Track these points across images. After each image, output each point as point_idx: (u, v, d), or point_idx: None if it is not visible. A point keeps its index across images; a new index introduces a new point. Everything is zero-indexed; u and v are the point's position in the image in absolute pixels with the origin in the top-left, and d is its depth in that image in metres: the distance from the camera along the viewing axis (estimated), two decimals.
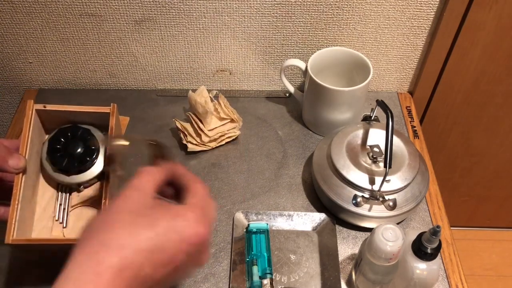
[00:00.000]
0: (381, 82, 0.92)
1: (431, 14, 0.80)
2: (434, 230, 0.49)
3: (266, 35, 0.83)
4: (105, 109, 0.69)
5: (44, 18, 0.81)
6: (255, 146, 0.82)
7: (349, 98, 0.77)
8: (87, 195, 0.69)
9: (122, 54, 0.87)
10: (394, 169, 0.66)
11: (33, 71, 0.90)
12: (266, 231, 0.68)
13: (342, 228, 0.71)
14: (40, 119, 0.69)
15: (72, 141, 0.66)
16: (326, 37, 0.84)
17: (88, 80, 0.92)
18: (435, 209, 0.74)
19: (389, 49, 0.86)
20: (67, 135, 0.63)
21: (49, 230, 0.66)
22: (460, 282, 0.66)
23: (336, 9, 0.79)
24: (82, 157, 0.66)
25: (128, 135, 0.70)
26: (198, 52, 0.86)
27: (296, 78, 0.91)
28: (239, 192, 0.75)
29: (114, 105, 0.70)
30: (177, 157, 0.80)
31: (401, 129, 0.86)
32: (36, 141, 0.67)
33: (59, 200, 0.68)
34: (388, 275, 0.57)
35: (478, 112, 1.00)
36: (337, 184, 0.67)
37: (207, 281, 0.64)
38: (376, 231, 0.53)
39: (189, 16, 0.80)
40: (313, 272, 0.65)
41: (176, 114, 0.87)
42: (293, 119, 0.87)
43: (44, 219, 0.66)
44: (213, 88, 0.92)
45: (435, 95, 0.95)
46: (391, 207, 0.65)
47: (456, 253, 0.69)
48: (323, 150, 0.72)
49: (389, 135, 0.63)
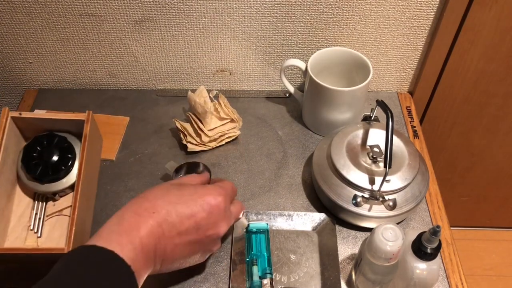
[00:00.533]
0: (381, 82, 0.92)
1: (431, 14, 0.80)
2: (434, 230, 0.49)
3: (266, 35, 0.83)
4: (81, 116, 0.69)
5: (44, 18, 0.81)
6: (255, 146, 0.82)
7: (349, 98, 0.77)
8: (63, 204, 0.68)
9: (122, 54, 0.87)
10: (394, 169, 0.66)
11: (33, 71, 0.90)
12: (266, 231, 0.68)
13: (342, 228, 0.71)
14: (17, 127, 0.68)
15: (48, 149, 0.64)
16: (326, 37, 0.84)
17: (88, 80, 0.92)
18: (435, 209, 0.74)
19: (389, 49, 0.86)
20: (43, 143, 0.61)
21: (23, 240, 0.65)
22: (460, 282, 0.66)
23: (336, 9, 0.79)
24: (57, 165, 0.65)
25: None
26: (198, 52, 0.86)
27: (296, 78, 0.91)
28: (239, 192, 0.75)
29: (89, 112, 0.69)
30: (177, 157, 0.80)
31: (401, 129, 0.86)
32: (13, 149, 0.66)
33: (35, 209, 0.67)
34: (388, 275, 0.57)
35: (478, 112, 1.00)
36: (337, 184, 0.67)
37: (207, 281, 0.64)
38: (376, 231, 0.53)
39: (189, 16, 0.80)
40: (313, 272, 0.65)
41: (176, 114, 0.87)
42: (293, 119, 0.87)
43: (19, 228, 0.65)
44: (213, 88, 0.92)
45: (435, 95, 0.95)
46: (391, 207, 0.65)
47: (456, 253, 0.69)
48: (323, 150, 0.72)
49: (389, 135, 0.63)
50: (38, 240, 0.65)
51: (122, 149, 0.81)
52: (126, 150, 0.81)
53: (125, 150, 0.81)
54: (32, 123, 0.67)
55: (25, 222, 0.66)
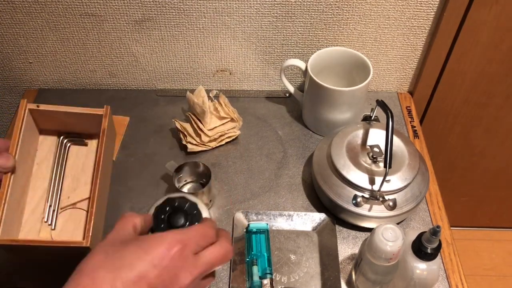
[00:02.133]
0: (381, 82, 0.92)
1: (431, 14, 0.80)
2: (434, 230, 0.49)
3: (266, 35, 0.83)
4: (99, 111, 0.69)
5: (44, 18, 0.81)
6: (255, 146, 0.82)
7: (349, 98, 0.77)
8: (77, 197, 0.69)
9: (122, 54, 0.87)
10: (394, 169, 0.66)
11: (33, 71, 0.90)
12: (266, 231, 0.68)
13: (342, 228, 0.71)
14: (33, 119, 0.68)
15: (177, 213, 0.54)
16: (326, 37, 0.84)
17: (88, 80, 0.92)
18: (435, 209, 0.74)
19: (389, 49, 0.86)
20: (174, 205, 0.53)
21: (37, 232, 0.65)
22: (460, 282, 0.66)
23: (336, 9, 0.79)
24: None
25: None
26: (198, 52, 0.86)
27: (296, 78, 0.91)
28: (239, 192, 0.75)
29: (107, 107, 0.69)
30: (177, 157, 0.80)
31: (401, 129, 0.86)
32: (28, 141, 0.66)
33: (49, 201, 0.67)
34: (388, 275, 0.57)
35: (478, 112, 1.00)
36: (337, 184, 0.67)
37: None
38: (376, 231, 0.53)
39: (189, 16, 0.80)
40: (313, 272, 0.65)
41: (176, 114, 0.87)
42: (293, 119, 0.87)
43: (33, 220, 0.66)
44: (213, 88, 0.92)
45: (435, 95, 0.95)
46: (391, 207, 0.65)
47: (456, 253, 0.69)
48: (323, 150, 0.72)
49: (389, 135, 0.63)
50: (52, 233, 0.66)
51: (122, 149, 0.81)
52: (126, 150, 0.81)
53: (125, 150, 0.81)
54: (49, 115, 0.68)
55: (39, 215, 0.66)
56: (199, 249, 0.44)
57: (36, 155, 0.70)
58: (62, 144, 0.72)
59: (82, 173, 0.71)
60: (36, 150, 0.71)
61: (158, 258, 0.41)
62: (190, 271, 0.42)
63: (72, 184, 0.70)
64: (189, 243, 0.43)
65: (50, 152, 0.71)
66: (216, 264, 0.45)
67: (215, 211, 0.73)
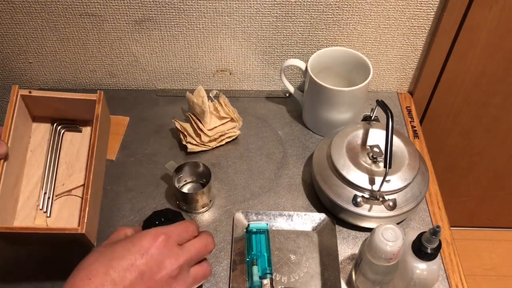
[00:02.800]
0: (381, 82, 0.92)
1: (431, 14, 0.80)
2: (434, 230, 0.49)
3: (266, 35, 0.83)
4: (92, 96, 0.68)
5: (44, 18, 0.81)
6: (255, 146, 0.82)
7: (349, 98, 0.77)
8: (72, 184, 0.68)
9: (122, 54, 0.87)
10: (394, 169, 0.66)
11: (33, 71, 0.90)
12: (266, 231, 0.68)
13: (342, 228, 0.71)
14: (26, 106, 0.67)
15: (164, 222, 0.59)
16: (326, 37, 0.84)
17: (88, 80, 0.92)
18: (435, 209, 0.74)
19: (389, 49, 0.86)
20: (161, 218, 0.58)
21: (32, 219, 0.64)
22: (460, 282, 0.66)
23: (336, 9, 0.79)
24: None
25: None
26: (198, 52, 0.86)
27: (296, 78, 0.91)
28: (239, 192, 0.75)
29: (101, 93, 0.69)
30: (177, 157, 0.80)
31: (401, 129, 0.86)
32: (21, 128, 0.65)
33: (43, 189, 0.67)
34: (388, 275, 0.57)
35: (478, 112, 1.00)
36: (337, 184, 0.67)
37: (207, 281, 0.64)
38: (376, 231, 0.53)
39: (189, 16, 0.80)
40: (313, 272, 0.65)
41: (176, 114, 0.87)
42: (293, 119, 0.87)
43: (28, 207, 0.65)
44: (213, 88, 0.92)
45: (435, 95, 0.95)
46: (391, 207, 0.65)
47: (456, 253, 0.69)
48: (323, 150, 0.72)
49: (389, 135, 0.63)
50: (47, 220, 0.65)
51: (122, 149, 0.81)
52: (126, 150, 0.81)
53: (125, 150, 0.81)
54: (41, 102, 0.67)
55: (34, 202, 0.66)
56: (182, 241, 0.50)
57: (30, 142, 0.69)
58: (56, 131, 0.71)
59: (77, 160, 0.70)
60: (30, 137, 0.70)
61: (145, 248, 0.46)
62: (175, 258, 0.48)
63: (67, 171, 0.69)
64: (172, 235, 0.49)
65: (44, 139, 0.70)
66: (199, 253, 0.51)
67: (215, 211, 0.73)
